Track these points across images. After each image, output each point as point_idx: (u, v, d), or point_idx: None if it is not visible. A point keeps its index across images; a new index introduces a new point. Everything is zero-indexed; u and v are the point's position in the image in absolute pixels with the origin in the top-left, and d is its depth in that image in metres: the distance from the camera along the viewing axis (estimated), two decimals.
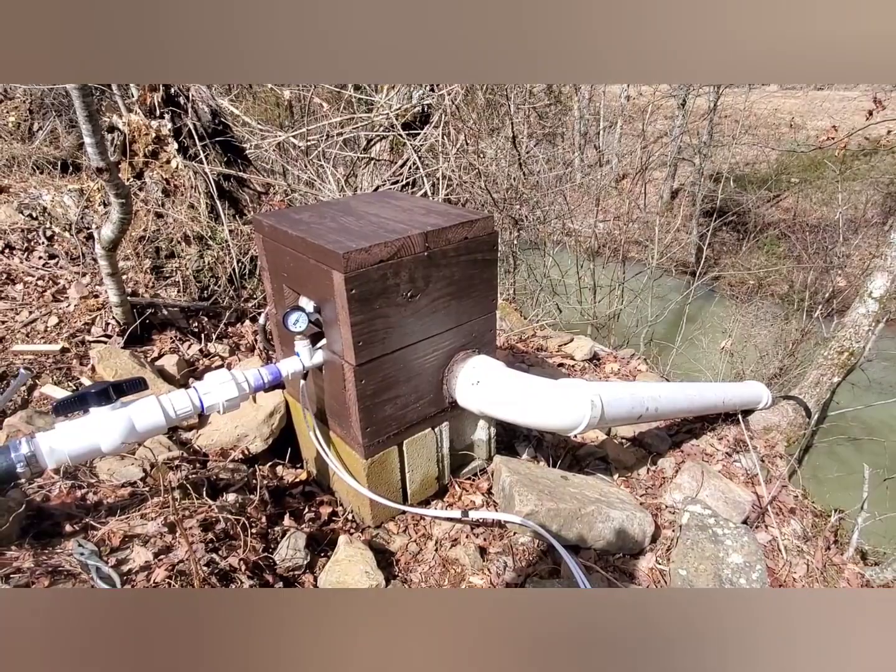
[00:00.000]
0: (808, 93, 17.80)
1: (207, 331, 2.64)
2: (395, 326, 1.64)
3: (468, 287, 1.79)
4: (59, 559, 1.34)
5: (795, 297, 9.09)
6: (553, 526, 1.82)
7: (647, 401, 2.10)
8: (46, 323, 2.33)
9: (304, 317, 1.64)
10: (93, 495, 1.60)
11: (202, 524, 1.53)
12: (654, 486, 2.35)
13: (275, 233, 1.74)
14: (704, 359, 8.26)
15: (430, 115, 4.33)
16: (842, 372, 4.56)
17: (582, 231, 8.29)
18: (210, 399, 1.55)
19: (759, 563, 1.87)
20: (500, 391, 1.81)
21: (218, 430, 2.02)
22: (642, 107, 11.20)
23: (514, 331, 3.76)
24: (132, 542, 1.44)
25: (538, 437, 2.47)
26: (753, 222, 12.51)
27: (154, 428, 1.46)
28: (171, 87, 2.98)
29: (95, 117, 1.85)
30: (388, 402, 1.73)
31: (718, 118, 13.37)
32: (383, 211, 1.83)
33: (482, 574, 1.74)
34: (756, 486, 2.49)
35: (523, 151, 6.09)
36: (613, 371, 3.42)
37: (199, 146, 3.02)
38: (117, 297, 2.30)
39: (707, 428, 2.88)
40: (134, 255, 2.71)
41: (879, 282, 4.48)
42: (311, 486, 2.06)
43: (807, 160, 13.53)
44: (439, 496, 2.05)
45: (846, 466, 6.83)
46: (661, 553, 1.96)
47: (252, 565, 1.50)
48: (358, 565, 1.59)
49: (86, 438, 1.37)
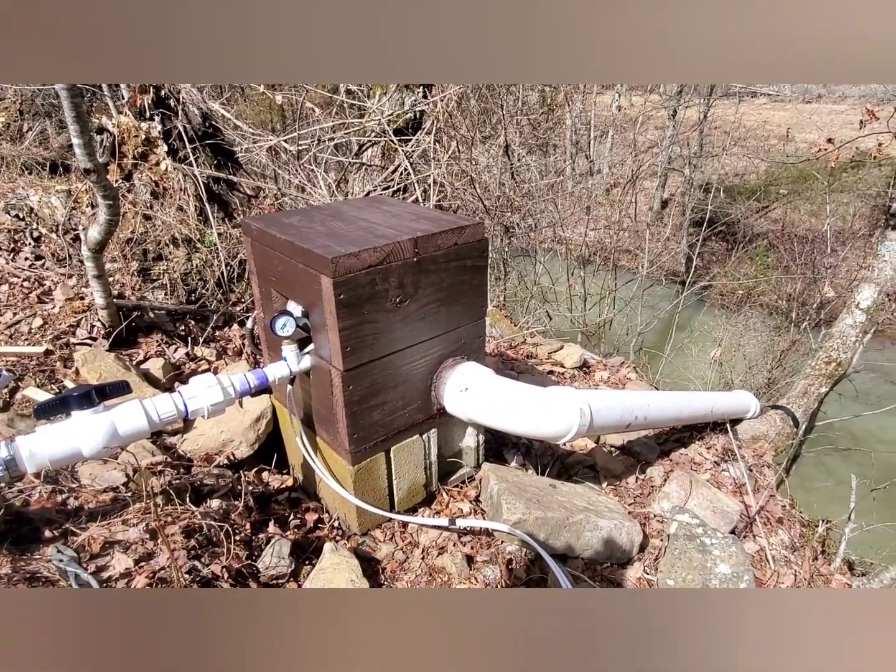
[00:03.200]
0: (797, 105, 18.04)
1: (194, 334, 2.61)
2: (384, 332, 1.63)
3: (457, 293, 1.79)
4: (37, 565, 1.31)
5: (784, 307, 9.18)
6: (541, 535, 1.81)
7: (637, 409, 2.10)
8: (31, 324, 2.30)
9: (292, 321, 1.62)
10: (74, 500, 1.57)
11: (185, 531, 1.50)
12: (642, 494, 2.35)
13: (264, 236, 1.73)
14: (694, 367, 8.30)
15: (422, 122, 4.33)
16: (829, 382, 4.60)
17: (573, 239, 8.33)
18: (195, 403, 1.53)
19: (747, 574, 1.87)
20: (488, 398, 1.80)
21: (203, 435, 1.99)
22: (633, 117, 11.30)
23: (504, 338, 3.76)
24: (113, 548, 1.41)
25: (527, 444, 2.46)
26: (742, 233, 12.63)
27: (137, 432, 1.44)
28: (161, 89, 2.96)
29: (84, 118, 1.83)
30: (375, 409, 1.72)
31: (708, 129, 13.52)
32: (373, 216, 1.82)
33: (469, 583, 1.72)
34: (744, 495, 2.50)
35: (515, 160, 6.12)
36: (603, 379, 3.43)
37: (189, 149, 3.00)
38: (103, 299, 2.28)
39: (696, 437, 2.89)
40: (121, 257, 2.69)
41: (866, 293, 4.54)
42: (298, 493, 2.04)
43: (795, 172, 13.70)
44: (427, 504, 2.03)
45: (834, 476, 6.88)
46: (648, 562, 1.96)
47: (235, 573, 1.48)
48: (343, 573, 1.57)
49: (67, 442, 1.35)
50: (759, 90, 17.80)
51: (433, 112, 4.24)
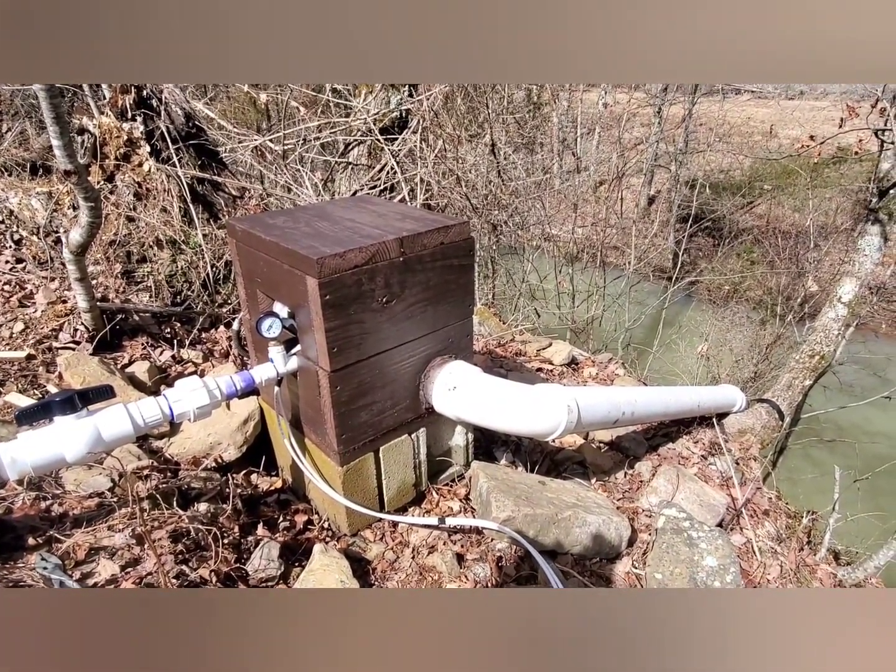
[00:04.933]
0: (780, 102, 18.21)
1: (180, 337, 2.59)
2: (371, 332, 1.62)
3: (444, 292, 1.79)
4: (20, 573, 1.29)
5: (769, 301, 9.28)
6: (530, 532, 1.82)
7: (624, 405, 2.12)
8: (12, 329, 2.26)
9: (279, 322, 1.61)
10: (58, 507, 1.55)
11: (172, 535, 1.49)
12: (631, 489, 2.37)
13: (249, 237, 1.71)
14: (681, 363, 8.37)
15: (408, 121, 4.32)
16: (813, 375, 4.66)
17: (560, 236, 8.35)
18: (180, 407, 1.51)
19: (734, 566, 1.89)
20: (476, 396, 1.80)
21: (190, 438, 1.98)
22: (619, 114, 11.34)
23: (492, 336, 3.76)
24: (98, 554, 1.39)
25: (516, 442, 2.47)
26: (728, 228, 12.76)
27: (121, 437, 1.42)
28: (143, 89, 2.93)
29: (64, 119, 1.81)
30: (363, 409, 1.71)
31: (694, 126, 13.62)
32: (359, 216, 1.81)
33: (459, 581, 1.72)
34: (731, 488, 2.52)
35: (502, 158, 6.12)
36: (591, 375, 3.45)
37: (172, 149, 2.97)
38: (86, 302, 2.25)
39: (683, 431, 2.91)
40: (104, 259, 2.65)
41: (848, 287, 4.60)
42: (287, 494, 2.03)
43: (779, 168, 13.85)
44: (416, 503, 2.03)
45: (819, 468, 6.97)
46: (637, 557, 1.97)
47: (224, 576, 1.47)
48: (333, 574, 1.56)
49: (49, 448, 1.33)
50: (743, 87, 17.95)
51: (419, 111, 4.23)
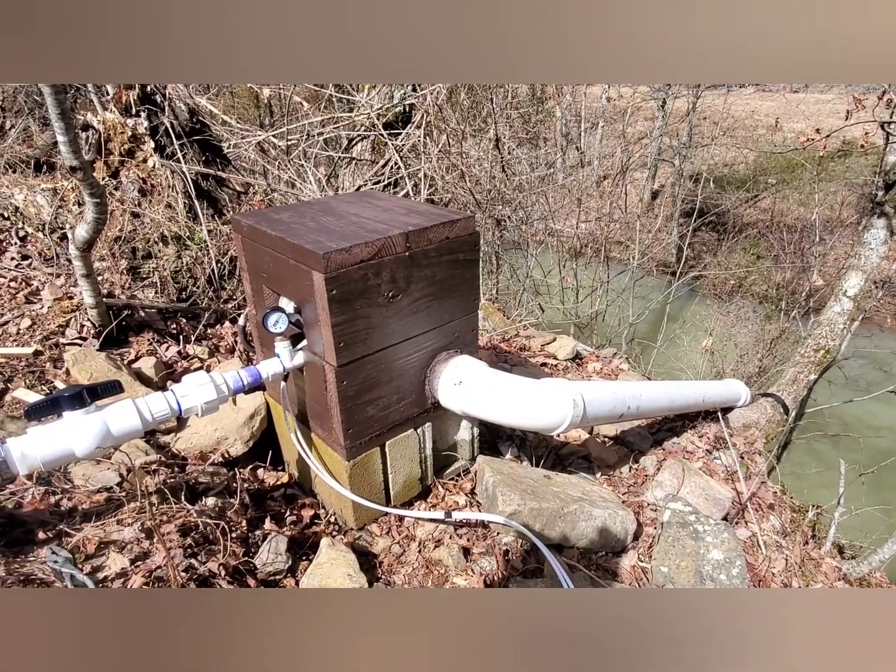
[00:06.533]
0: (785, 95, 18.11)
1: (186, 332, 2.60)
2: (377, 327, 1.62)
3: (450, 287, 1.79)
4: (31, 567, 1.30)
5: (774, 296, 9.24)
6: (536, 525, 1.82)
7: (629, 399, 2.12)
8: (19, 325, 2.27)
9: (285, 318, 1.62)
10: (67, 501, 1.57)
11: (180, 529, 1.50)
12: (636, 483, 2.37)
13: (254, 233, 1.72)
14: (685, 357, 8.36)
15: (411, 116, 4.31)
16: (818, 369, 4.65)
17: (564, 231, 8.33)
18: (188, 402, 1.52)
19: (739, 559, 1.89)
20: (482, 391, 1.80)
21: (197, 433, 1.99)
22: (623, 108, 11.30)
23: (497, 331, 3.76)
24: (108, 548, 1.41)
25: (521, 436, 2.47)
26: (732, 223, 12.70)
27: (130, 432, 1.43)
28: (147, 84, 2.93)
29: (68, 115, 1.81)
30: (369, 404, 1.72)
31: (697, 120, 13.55)
32: (364, 211, 1.81)
33: (466, 575, 1.73)
34: (736, 482, 2.52)
35: (506, 153, 6.11)
36: (595, 370, 3.44)
37: (176, 145, 2.97)
38: (92, 298, 2.26)
39: (688, 426, 2.91)
40: (109, 255, 2.66)
41: (854, 281, 4.58)
42: (293, 489, 2.04)
43: (784, 161, 13.77)
44: (422, 497, 2.04)
45: (823, 462, 6.96)
46: (643, 551, 1.98)
47: (232, 570, 1.48)
48: (340, 568, 1.57)
49: (59, 443, 1.34)
50: None
51: (422, 106, 4.22)
